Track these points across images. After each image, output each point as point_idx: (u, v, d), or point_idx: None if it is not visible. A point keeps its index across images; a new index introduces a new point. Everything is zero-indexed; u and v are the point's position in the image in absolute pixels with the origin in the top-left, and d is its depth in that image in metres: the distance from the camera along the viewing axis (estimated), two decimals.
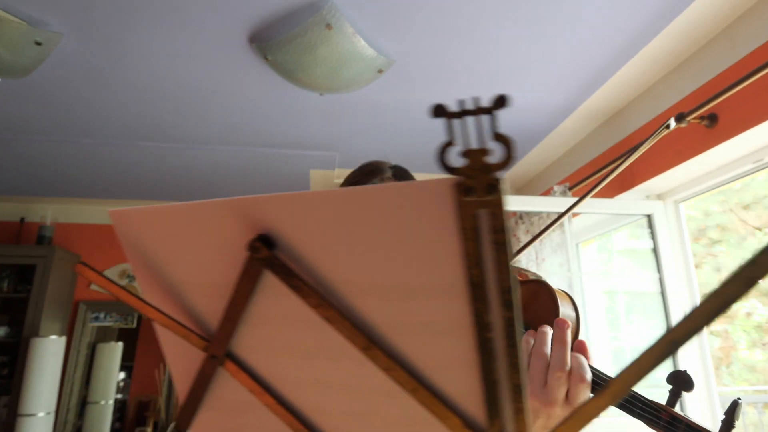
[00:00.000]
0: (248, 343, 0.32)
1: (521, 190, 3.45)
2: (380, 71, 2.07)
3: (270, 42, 1.91)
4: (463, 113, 0.22)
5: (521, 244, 3.08)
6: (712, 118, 1.89)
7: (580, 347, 0.58)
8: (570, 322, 0.59)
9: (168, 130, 2.74)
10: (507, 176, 3.41)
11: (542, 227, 3.01)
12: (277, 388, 0.32)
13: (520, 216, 3.14)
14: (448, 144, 0.23)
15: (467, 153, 0.22)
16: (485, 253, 0.23)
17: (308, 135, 2.81)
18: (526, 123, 2.67)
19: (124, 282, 3.78)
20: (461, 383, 0.27)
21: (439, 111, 0.23)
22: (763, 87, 1.67)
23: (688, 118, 1.90)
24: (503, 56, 2.06)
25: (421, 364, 0.27)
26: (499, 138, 0.22)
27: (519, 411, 0.25)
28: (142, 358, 4.84)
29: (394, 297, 0.26)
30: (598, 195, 2.56)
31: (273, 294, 0.29)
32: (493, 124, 0.22)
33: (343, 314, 0.27)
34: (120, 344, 4.07)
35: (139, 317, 4.32)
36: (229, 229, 0.28)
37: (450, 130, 0.22)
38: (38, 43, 1.84)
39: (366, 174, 0.91)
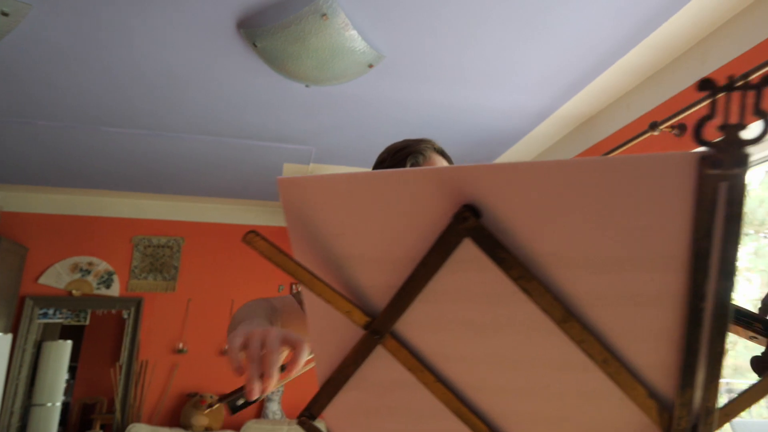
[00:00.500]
0: (415, 319, 0.31)
1: None
2: (370, 66, 2.06)
3: (260, 28, 1.85)
4: (729, 87, 0.22)
5: None
6: (681, 128, 2.02)
7: None
8: None
9: (137, 116, 2.59)
10: None
11: None
12: (436, 366, 0.32)
13: None
14: (707, 118, 0.23)
15: (724, 127, 0.22)
16: (716, 226, 0.24)
17: (286, 128, 2.75)
18: (502, 126, 2.74)
19: (76, 276, 3.55)
20: (654, 354, 0.28)
21: (705, 85, 0.23)
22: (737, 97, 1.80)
23: (661, 127, 2.02)
24: (489, 58, 2.10)
25: (615, 336, 0.28)
26: (762, 114, 0.22)
27: (713, 379, 0.26)
28: (88, 358, 4.57)
29: (600, 269, 0.26)
30: None
31: (462, 267, 0.28)
32: (758, 100, 0.22)
33: (546, 286, 0.27)
34: (69, 342, 3.82)
35: (93, 314, 4.07)
36: (426, 199, 0.27)
37: (712, 105, 0.23)
38: (4, 14, 1.70)
39: (415, 140, 0.88)
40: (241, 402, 0.55)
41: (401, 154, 0.88)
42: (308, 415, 0.35)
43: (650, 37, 1.98)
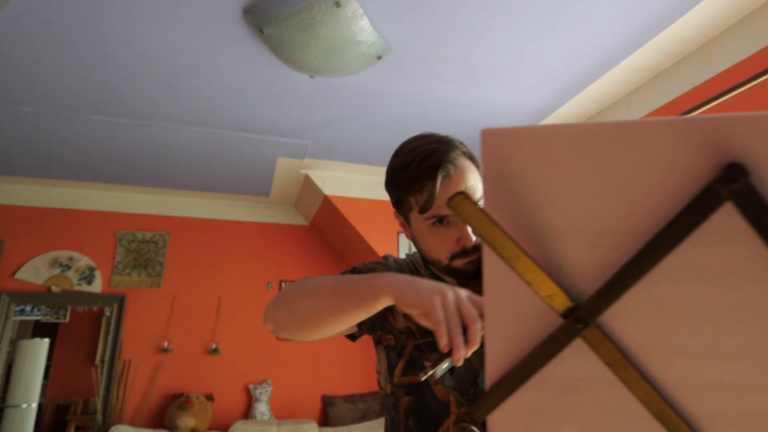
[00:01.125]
0: (627, 306, 0.27)
1: None
2: (379, 58, 2.02)
3: (268, 15, 1.79)
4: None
5: None
6: None
7: None
8: None
9: (129, 104, 2.48)
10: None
11: None
12: (642, 361, 0.28)
13: None
14: None
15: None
16: None
17: (283, 120, 2.68)
18: (502, 123, 2.73)
19: (56, 271, 3.39)
20: None
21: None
22: (733, 105, 1.83)
23: None
24: (495, 55, 2.08)
25: None
26: None
27: None
28: (62, 357, 4.38)
29: None
30: None
31: (705, 240, 0.24)
32: None
33: None
34: (46, 341, 3.65)
35: (73, 311, 3.89)
36: (676, 156, 0.23)
37: None
38: None
39: (442, 142, 0.83)
40: (445, 365, 0.59)
41: (430, 164, 0.81)
42: (470, 420, 0.31)
43: (654, 40, 1.99)
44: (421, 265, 0.97)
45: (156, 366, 3.47)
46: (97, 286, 3.49)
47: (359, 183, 3.46)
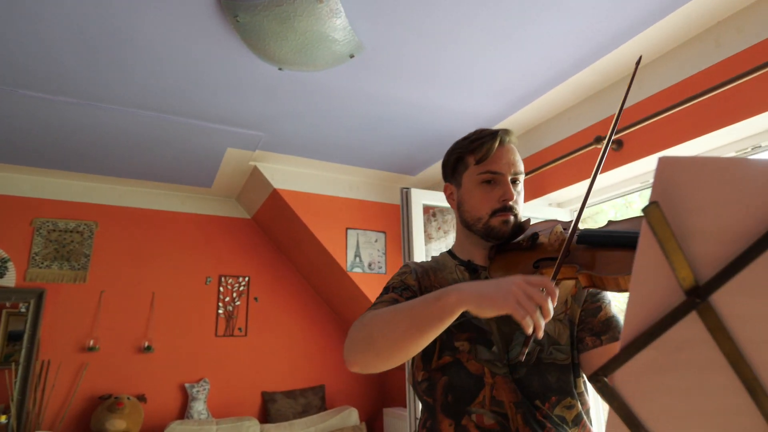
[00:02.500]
0: (733, 288, 0.36)
1: (433, 187, 3.69)
2: (352, 56, 2.05)
3: (246, 2, 1.75)
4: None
5: (432, 240, 3.31)
6: (619, 143, 2.32)
7: None
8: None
9: (66, 81, 2.28)
10: (424, 173, 3.62)
11: (454, 226, 3.28)
12: (737, 332, 0.37)
13: (434, 213, 3.36)
14: None
15: None
16: None
17: (239, 110, 2.61)
18: (455, 128, 2.88)
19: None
20: None
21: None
22: (661, 124, 2.11)
23: (604, 141, 2.28)
24: (461, 62, 2.21)
25: None
26: None
27: None
28: None
29: None
30: None
31: None
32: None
33: None
34: None
35: None
36: None
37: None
38: None
39: (492, 132, 1.02)
40: (531, 341, 0.72)
41: (490, 131, 1.03)
42: (603, 374, 0.38)
43: (596, 63, 2.23)
44: (448, 258, 1.07)
45: (80, 366, 3.20)
46: (10, 280, 3.14)
47: (310, 178, 3.45)
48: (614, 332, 0.92)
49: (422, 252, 2.36)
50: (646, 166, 2.30)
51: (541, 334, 0.68)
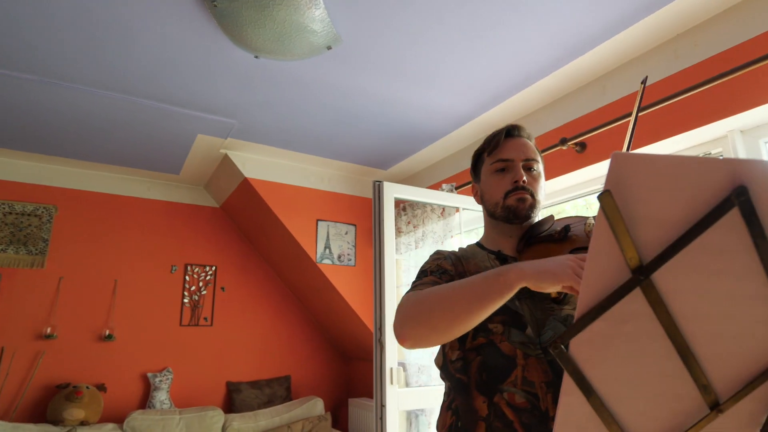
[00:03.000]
0: (671, 267, 0.42)
1: (404, 182, 3.75)
2: (329, 48, 2.07)
3: None
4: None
5: (402, 233, 3.36)
6: (582, 146, 2.43)
7: None
8: None
9: (31, 58, 2.19)
10: (395, 168, 3.66)
11: (424, 220, 3.35)
12: (672, 305, 0.43)
13: (404, 207, 3.42)
14: None
15: None
16: None
17: (212, 97, 2.58)
18: (426, 124, 2.94)
19: None
20: None
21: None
22: (622, 129, 2.23)
23: (569, 143, 2.40)
24: (435, 59, 2.26)
25: None
26: None
27: None
28: None
29: None
30: None
31: (721, 231, 0.40)
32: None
33: None
34: None
35: None
36: (714, 178, 0.38)
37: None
38: None
39: (504, 128, 1.13)
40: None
41: (503, 128, 1.15)
42: (561, 341, 0.44)
43: (563, 68, 2.33)
44: (478, 249, 1.15)
45: (36, 354, 3.10)
46: None
47: (282, 168, 3.44)
48: None
49: (392, 245, 2.42)
50: (606, 168, 2.42)
51: None
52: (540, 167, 1.10)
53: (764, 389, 0.48)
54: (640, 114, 2.09)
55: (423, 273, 1.08)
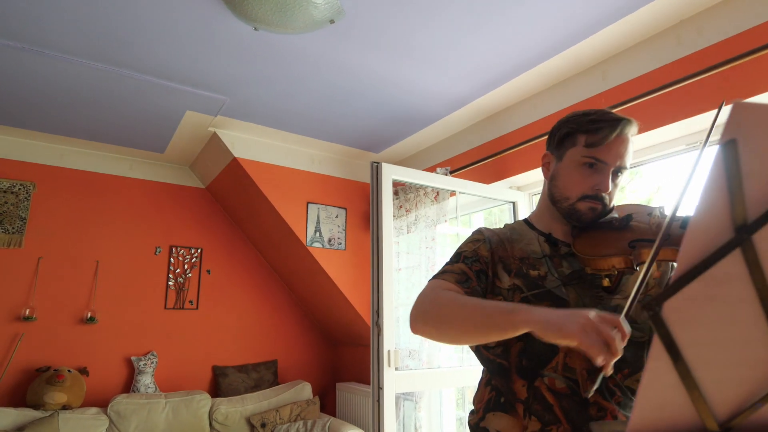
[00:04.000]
0: None
1: (401, 164, 3.70)
2: (332, 21, 2.00)
3: None
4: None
5: (393, 218, 3.33)
6: None
7: None
8: None
9: (9, 22, 2.06)
10: (388, 151, 3.62)
11: (417, 204, 3.33)
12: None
13: (396, 191, 3.39)
14: None
15: None
16: None
17: (203, 70, 2.48)
18: (423, 106, 2.90)
19: None
20: None
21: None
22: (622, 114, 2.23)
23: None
24: (438, 40, 2.21)
25: None
26: None
27: None
28: None
29: None
30: (477, 179, 2.98)
31: None
32: None
33: None
34: None
35: None
36: None
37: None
38: None
39: (613, 119, 0.98)
40: (600, 376, 0.70)
41: (613, 117, 0.99)
42: (657, 303, 0.42)
43: (567, 51, 2.32)
44: (526, 228, 1.10)
45: (14, 337, 2.98)
46: None
47: (272, 149, 3.36)
48: None
49: (391, 227, 2.39)
50: None
51: (609, 372, 0.68)
52: (627, 173, 1.02)
53: None
54: (634, 102, 2.10)
55: (456, 256, 1.05)
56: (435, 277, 1.02)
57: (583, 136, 0.98)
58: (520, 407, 0.93)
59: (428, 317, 0.92)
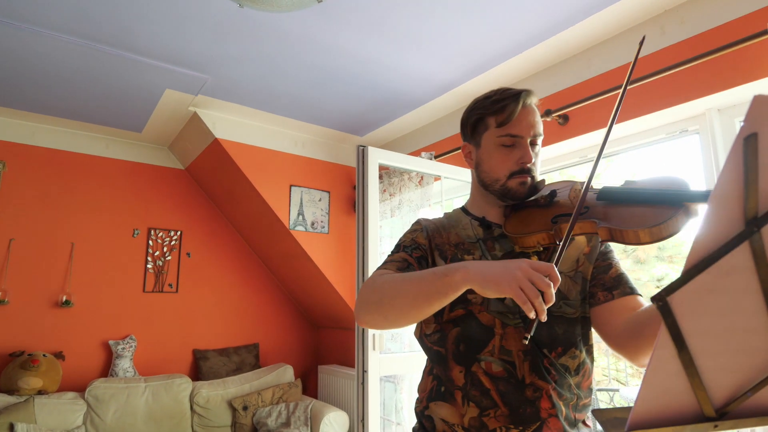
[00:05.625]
0: None
1: (385, 148, 3.68)
2: (319, 0, 1.95)
3: None
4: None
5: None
6: (565, 118, 2.46)
7: None
8: None
9: None
10: (372, 134, 3.59)
11: (401, 188, 3.32)
12: None
13: (380, 175, 3.38)
14: None
15: None
16: None
17: (184, 47, 2.40)
18: (409, 89, 2.88)
19: None
20: None
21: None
22: (605, 103, 2.26)
23: (553, 114, 2.42)
24: (425, 21, 2.19)
25: None
26: None
27: None
28: None
29: None
30: (464, 165, 2.99)
31: None
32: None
33: None
34: None
35: None
36: None
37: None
38: None
39: (514, 94, 1.00)
40: (534, 324, 0.73)
41: (513, 92, 1.01)
42: (666, 294, 0.43)
43: (552, 38, 2.32)
44: (461, 214, 1.12)
45: None
46: None
47: (255, 130, 3.30)
48: (624, 287, 0.98)
49: (377, 211, 2.38)
50: (587, 141, 2.47)
51: (544, 318, 0.71)
52: (541, 140, 1.05)
53: None
54: (617, 90, 2.13)
55: (396, 247, 1.07)
56: (377, 269, 1.02)
57: (492, 118, 1.01)
58: (459, 394, 0.94)
59: (370, 304, 0.92)
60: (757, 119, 0.37)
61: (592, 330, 1.02)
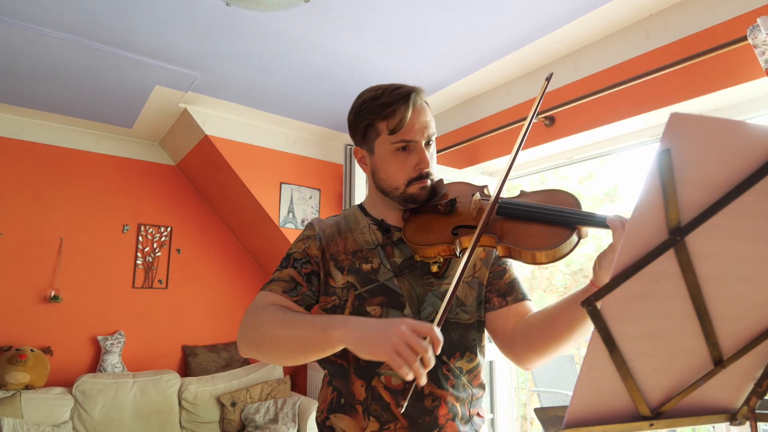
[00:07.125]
0: (706, 230, 0.43)
1: None
2: (306, 0, 1.96)
3: None
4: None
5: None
6: (551, 120, 2.48)
7: None
8: None
9: None
10: None
11: None
12: (698, 266, 0.45)
13: None
14: None
15: None
16: None
17: (174, 44, 2.40)
18: None
19: None
20: None
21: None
22: (591, 106, 2.29)
23: (540, 116, 2.44)
24: (415, 21, 2.20)
25: None
26: None
27: None
28: None
29: None
30: (450, 164, 3.01)
31: (756, 194, 0.41)
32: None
33: None
34: None
35: None
36: (759, 143, 0.39)
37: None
38: None
39: (404, 85, 0.99)
40: (411, 390, 0.71)
41: (402, 92, 0.97)
42: (595, 299, 0.45)
43: (540, 41, 2.34)
44: (360, 215, 1.07)
45: None
46: None
47: (245, 127, 3.30)
48: (517, 294, 1.00)
49: None
50: (573, 142, 2.49)
51: (422, 383, 0.67)
52: (435, 137, 1.00)
53: (764, 347, 0.52)
54: (602, 93, 2.15)
55: (287, 259, 1.01)
56: (264, 287, 0.98)
57: (383, 123, 0.95)
58: (360, 408, 0.93)
59: (250, 341, 0.89)
60: (671, 137, 0.39)
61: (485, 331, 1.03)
